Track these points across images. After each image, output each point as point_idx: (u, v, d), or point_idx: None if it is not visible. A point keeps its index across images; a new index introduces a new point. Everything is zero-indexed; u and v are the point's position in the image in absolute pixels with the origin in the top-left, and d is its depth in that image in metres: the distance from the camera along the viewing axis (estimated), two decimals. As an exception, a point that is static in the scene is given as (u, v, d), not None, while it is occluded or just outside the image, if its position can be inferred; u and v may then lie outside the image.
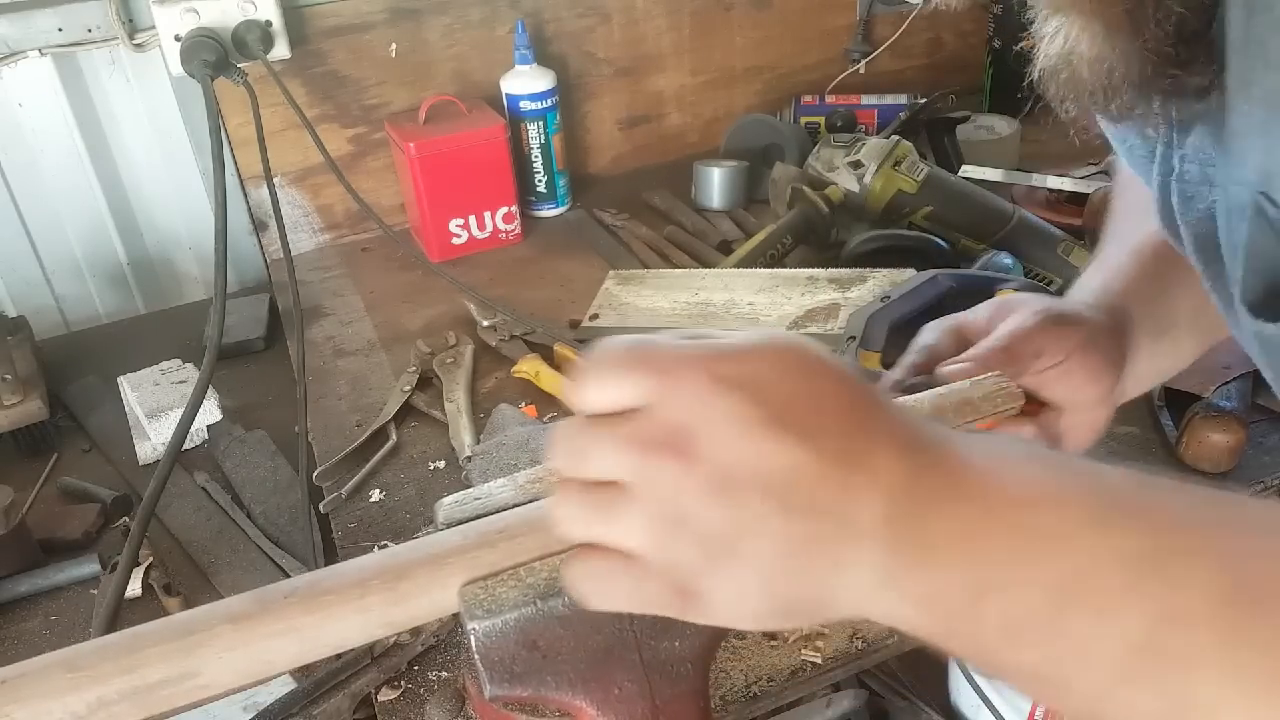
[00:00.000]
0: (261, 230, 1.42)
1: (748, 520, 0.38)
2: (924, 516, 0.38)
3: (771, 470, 0.38)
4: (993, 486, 0.39)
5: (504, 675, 0.46)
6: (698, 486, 0.38)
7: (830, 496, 0.38)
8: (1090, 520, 0.38)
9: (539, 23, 1.47)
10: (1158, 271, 0.69)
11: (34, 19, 1.24)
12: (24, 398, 1.07)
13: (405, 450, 1.02)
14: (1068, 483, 0.39)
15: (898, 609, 0.39)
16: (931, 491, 0.39)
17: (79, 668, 0.44)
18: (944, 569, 0.38)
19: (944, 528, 0.38)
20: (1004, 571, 0.37)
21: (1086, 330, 0.63)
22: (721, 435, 0.38)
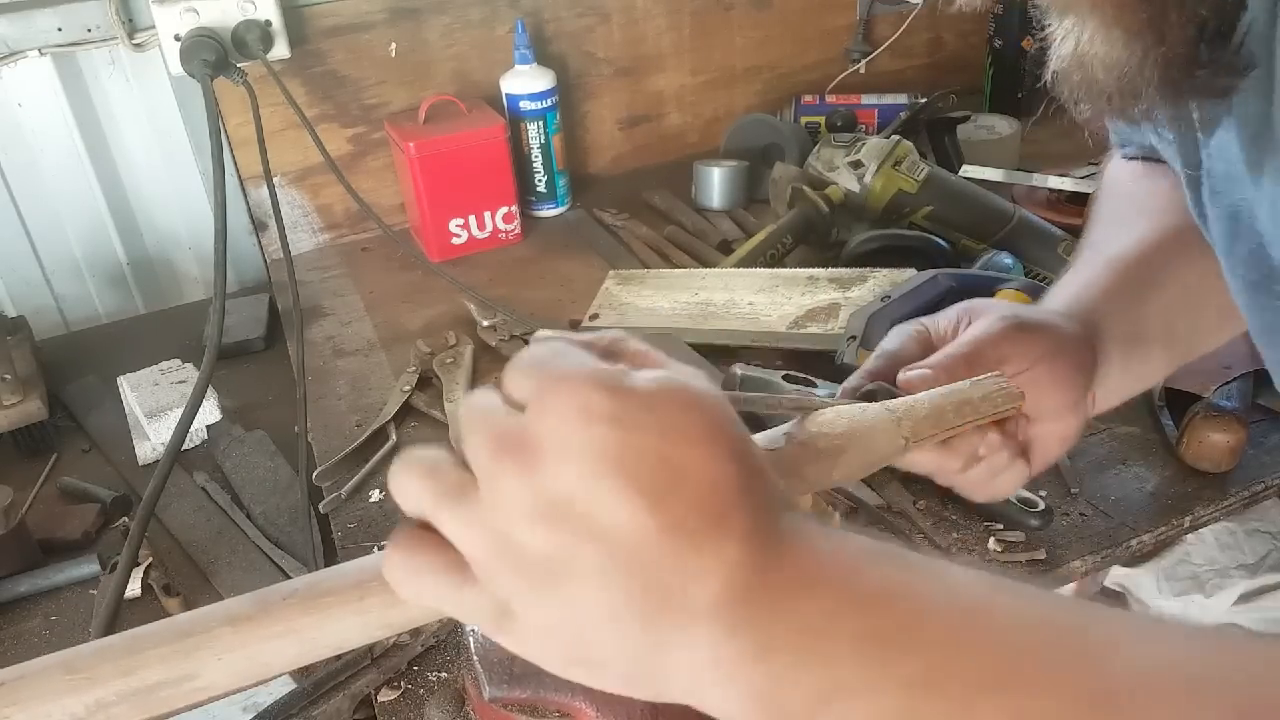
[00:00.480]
0: (261, 230, 1.42)
1: (569, 561, 0.36)
2: (767, 609, 0.36)
3: (606, 521, 0.36)
4: (839, 584, 0.37)
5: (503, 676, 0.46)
6: (528, 505, 0.36)
7: (664, 570, 0.36)
8: (941, 621, 0.36)
9: (539, 22, 1.46)
10: (1132, 282, 0.68)
11: (33, 19, 1.23)
12: (23, 398, 1.07)
13: (406, 449, 1.02)
14: (920, 583, 0.38)
15: (731, 704, 0.37)
16: (774, 584, 0.37)
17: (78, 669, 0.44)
18: (787, 667, 0.36)
19: (789, 624, 0.36)
20: (850, 673, 0.35)
21: (1053, 338, 0.63)
22: (567, 463, 0.36)
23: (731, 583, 0.36)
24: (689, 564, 0.36)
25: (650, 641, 0.37)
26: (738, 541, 0.37)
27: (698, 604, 0.36)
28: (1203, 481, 0.88)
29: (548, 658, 0.39)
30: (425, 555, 0.40)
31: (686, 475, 0.37)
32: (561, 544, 0.36)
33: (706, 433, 0.38)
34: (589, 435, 0.36)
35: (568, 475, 0.36)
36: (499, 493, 0.37)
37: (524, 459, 0.37)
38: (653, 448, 0.36)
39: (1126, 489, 0.88)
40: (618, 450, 0.36)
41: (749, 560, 0.37)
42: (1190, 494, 0.87)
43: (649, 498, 0.36)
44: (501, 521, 0.37)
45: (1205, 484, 0.88)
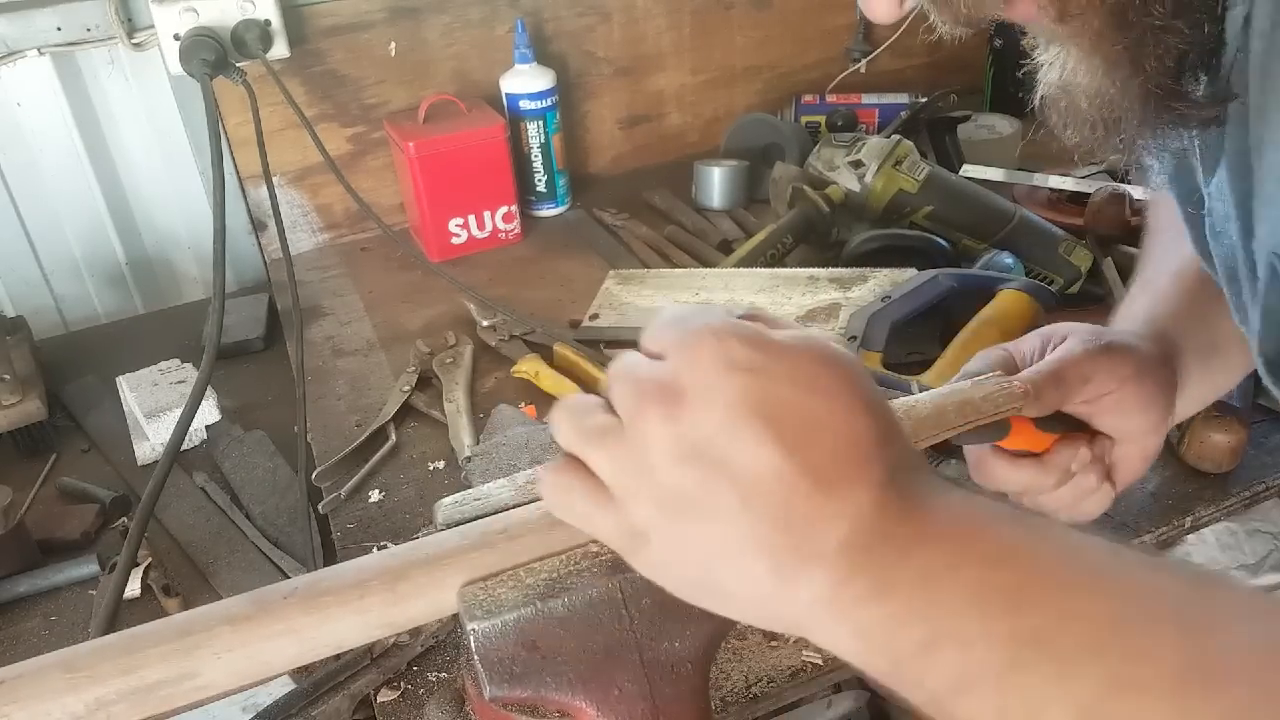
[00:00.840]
0: (260, 230, 1.42)
1: (709, 499, 0.39)
2: (889, 554, 0.38)
3: (746, 463, 0.38)
4: (963, 539, 0.39)
5: (503, 676, 0.46)
6: (669, 444, 0.39)
7: (797, 514, 0.38)
8: (1056, 582, 0.38)
9: (539, 22, 1.46)
10: (1200, 294, 0.68)
11: (33, 18, 1.23)
12: (23, 398, 1.07)
13: (404, 451, 1.02)
14: (1040, 545, 0.40)
15: (839, 638, 0.39)
16: (900, 533, 0.39)
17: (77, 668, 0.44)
18: (899, 611, 0.38)
19: (906, 570, 0.38)
20: (961, 623, 0.37)
21: (1137, 359, 0.63)
22: (710, 408, 0.39)
23: (859, 528, 0.38)
24: (822, 508, 0.38)
25: (777, 577, 0.39)
26: (871, 490, 0.39)
27: (825, 545, 0.38)
28: (1204, 482, 0.88)
29: (674, 582, 0.42)
30: (574, 476, 0.43)
31: (825, 426, 0.39)
32: (700, 481, 0.39)
33: (845, 387, 0.40)
34: (731, 383, 0.39)
35: (709, 419, 0.39)
36: (643, 433, 0.40)
37: (667, 403, 0.40)
38: (793, 398, 0.39)
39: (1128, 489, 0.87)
40: (759, 398, 0.39)
41: (879, 508, 0.39)
42: (1191, 494, 0.87)
43: (788, 444, 0.38)
44: (644, 458, 0.40)
45: (1206, 484, 0.87)
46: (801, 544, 0.38)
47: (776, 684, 0.75)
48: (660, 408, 0.40)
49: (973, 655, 0.37)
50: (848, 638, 0.39)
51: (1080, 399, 0.63)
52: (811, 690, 0.81)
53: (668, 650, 0.49)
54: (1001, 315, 1.01)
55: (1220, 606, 0.37)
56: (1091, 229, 1.20)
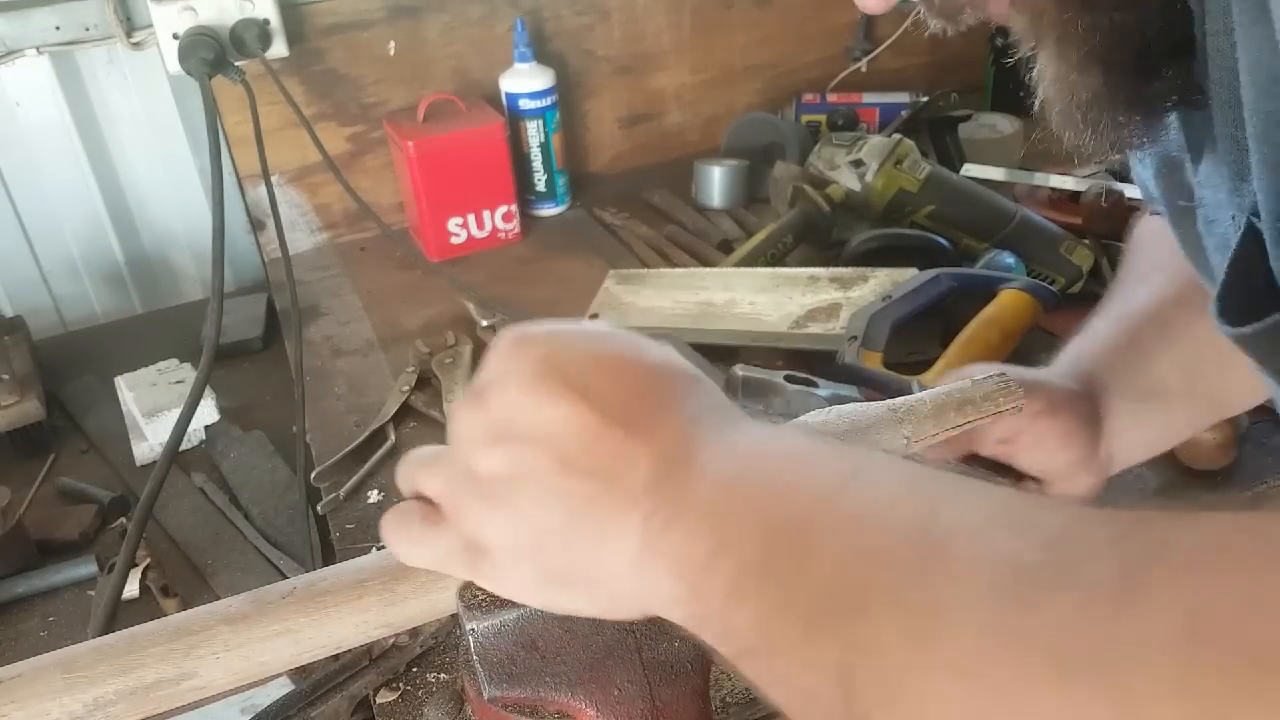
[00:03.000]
0: (259, 229, 1.41)
1: (523, 470, 0.39)
2: (684, 480, 0.38)
3: (548, 423, 0.39)
4: (755, 452, 0.39)
5: (503, 676, 0.46)
6: (481, 434, 0.40)
7: (605, 458, 0.38)
8: (827, 476, 0.37)
9: (538, 21, 1.46)
10: (1142, 338, 0.68)
11: (31, 17, 1.23)
12: (21, 398, 1.07)
13: (404, 451, 1.01)
14: (827, 450, 0.39)
15: (656, 582, 0.38)
16: (699, 458, 0.38)
17: (76, 668, 0.44)
18: (688, 526, 0.37)
19: (698, 490, 0.38)
20: (735, 527, 0.37)
21: (1046, 394, 0.63)
22: (507, 387, 0.40)
23: (661, 461, 0.38)
24: (626, 447, 0.38)
25: (596, 532, 0.39)
26: (672, 426, 0.39)
27: (633, 486, 0.38)
28: (1204, 481, 0.87)
29: (524, 586, 0.42)
30: (404, 510, 0.44)
31: (620, 373, 0.40)
32: (509, 454, 0.39)
33: (639, 343, 0.42)
34: (524, 358, 0.40)
35: (508, 398, 0.40)
36: (458, 434, 0.42)
37: (476, 399, 0.41)
38: (585, 356, 0.40)
39: (1127, 489, 0.87)
40: (551, 364, 0.40)
41: (681, 442, 0.39)
42: (1191, 494, 0.87)
43: (582, 393, 0.39)
44: (460, 458, 0.41)
45: (1206, 483, 0.87)
46: (613, 486, 0.38)
47: (777, 684, 0.75)
48: (470, 408, 0.41)
49: (741, 556, 0.36)
50: (666, 581, 0.38)
51: (993, 440, 0.63)
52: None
53: (668, 650, 0.49)
54: (1002, 315, 1.01)
55: (957, 490, 0.35)
56: (1091, 229, 1.20)
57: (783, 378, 0.92)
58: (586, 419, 0.39)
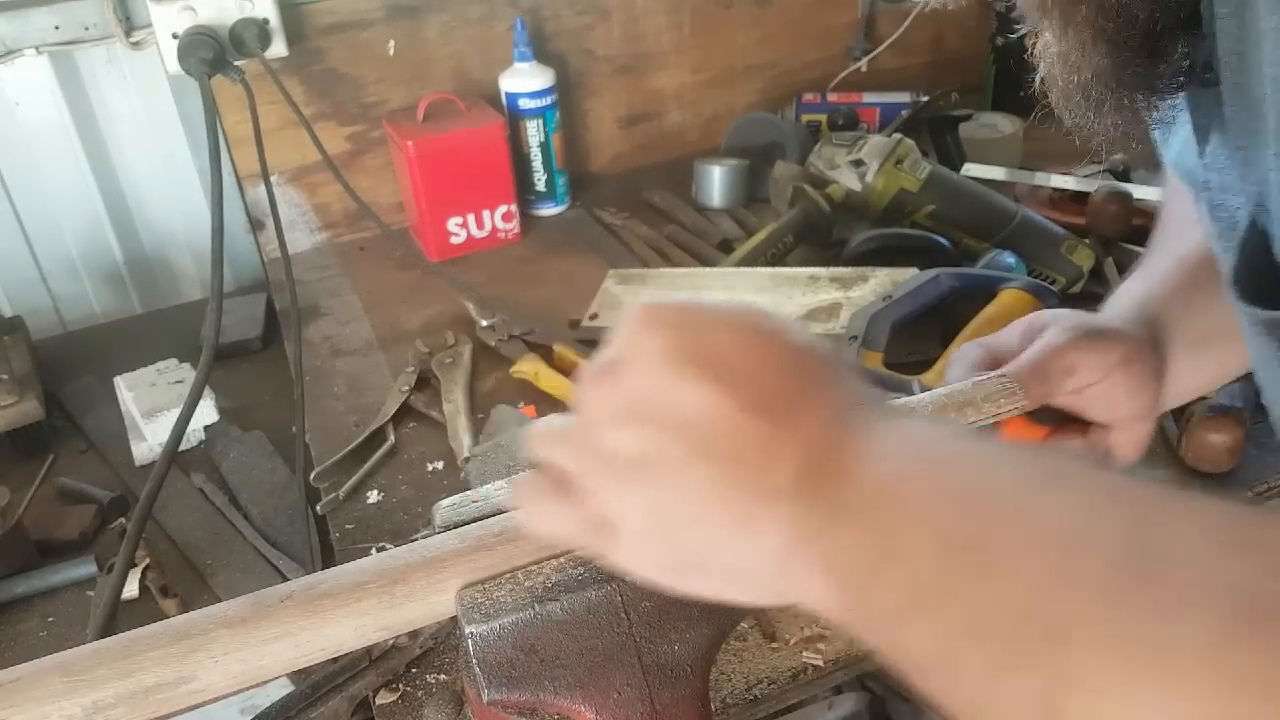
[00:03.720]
0: (258, 229, 1.41)
1: (658, 454, 0.38)
2: (839, 477, 0.37)
3: (687, 408, 0.38)
4: (920, 452, 0.37)
5: (502, 679, 0.46)
6: (614, 412, 0.39)
7: (748, 449, 0.37)
8: (1010, 484, 0.35)
9: (538, 20, 1.46)
10: (1200, 281, 0.67)
11: (31, 17, 1.23)
12: (20, 398, 1.07)
13: (403, 451, 1.02)
14: (1004, 454, 0.37)
15: (805, 579, 0.37)
16: (854, 454, 0.37)
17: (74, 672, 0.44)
18: (850, 531, 0.36)
19: (857, 489, 0.36)
20: (908, 536, 0.35)
21: (1124, 347, 0.62)
22: (642, 367, 0.39)
23: (811, 451, 0.37)
24: (772, 440, 0.37)
25: (743, 525, 0.37)
26: (816, 420, 0.38)
27: (782, 478, 0.37)
28: (1206, 482, 0.87)
29: (654, 567, 0.41)
30: (534, 482, 0.43)
31: (762, 360, 0.39)
32: (645, 437, 0.38)
33: (781, 330, 0.40)
34: (661, 338, 0.39)
35: (644, 377, 0.39)
36: (588, 415, 0.41)
37: (607, 376, 0.40)
38: (727, 340, 0.39)
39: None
40: (691, 346, 0.38)
41: (830, 434, 0.37)
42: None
43: (726, 382, 0.37)
44: (593, 435, 0.40)
45: (1209, 485, 0.87)
46: (758, 481, 0.37)
47: (777, 686, 0.75)
48: (600, 385, 0.40)
49: (914, 567, 0.34)
50: (820, 581, 0.36)
51: (1066, 390, 0.62)
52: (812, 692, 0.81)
53: (667, 653, 0.49)
54: (1003, 315, 1.01)
55: (1161, 502, 0.34)
56: (1093, 229, 1.20)
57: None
58: (728, 406, 0.37)
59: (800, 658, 0.76)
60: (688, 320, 0.40)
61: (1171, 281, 0.68)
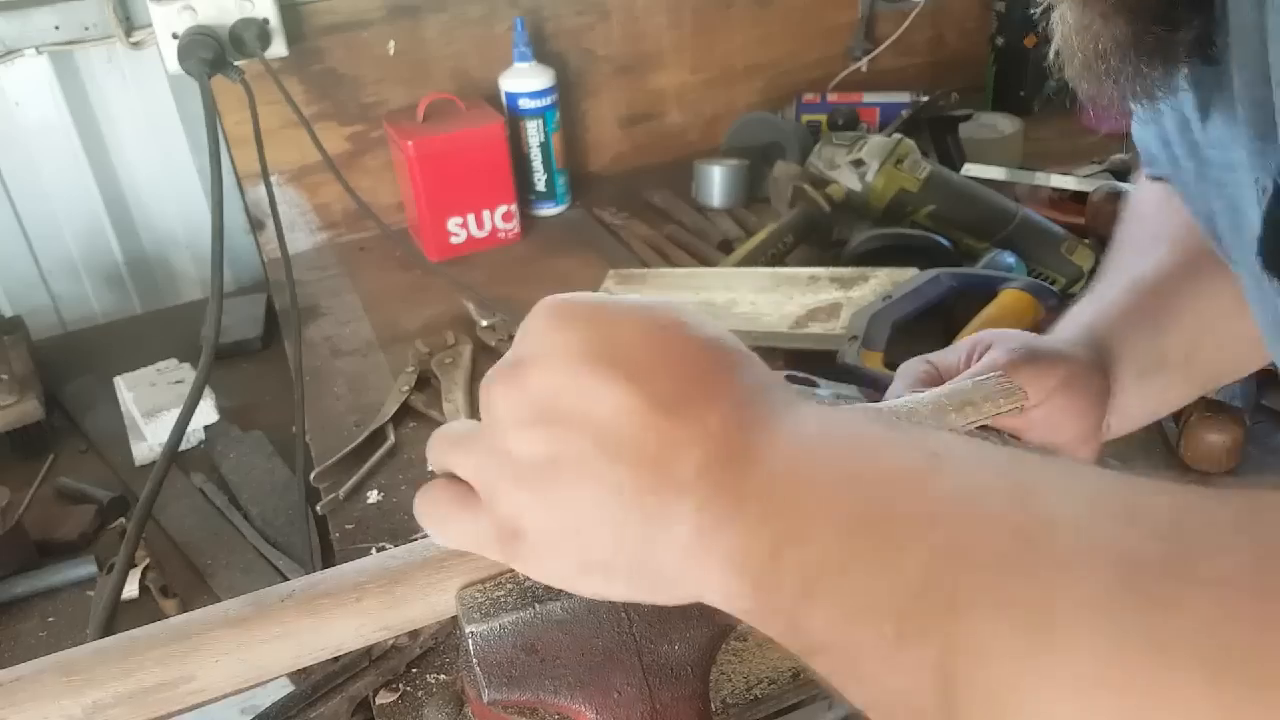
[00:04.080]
0: (258, 229, 1.41)
1: (565, 456, 0.37)
2: (740, 468, 0.36)
3: (594, 407, 0.37)
4: (818, 437, 0.37)
5: (502, 679, 0.46)
6: (520, 415, 0.38)
7: (652, 445, 0.37)
8: (896, 469, 0.35)
9: (538, 20, 1.46)
10: (1151, 308, 0.67)
11: (31, 17, 1.23)
12: (20, 398, 1.07)
13: (404, 451, 1.02)
14: (899, 435, 0.37)
15: (708, 572, 0.36)
16: (755, 444, 0.36)
17: (74, 671, 0.44)
18: (749, 522, 0.35)
19: (756, 478, 0.36)
20: (804, 520, 0.34)
21: (1066, 368, 0.62)
22: (549, 366, 0.38)
23: (714, 447, 0.36)
24: (674, 433, 0.37)
25: (645, 523, 0.37)
26: (722, 408, 0.37)
27: (685, 472, 0.36)
28: (1205, 482, 0.87)
29: (561, 571, 0.40)
30: (439, 487, 0.42)
31: (668, 353, 0.38)
32: (552, 438, 0.38)
33: (683, 320, 0.39)
34: (566, 337, 0.38)
35: (549, 375, 0.38)
36: (493, 416, 0.40)
37: (511, 376, 0.39)
38: (631, 336, 0.38)
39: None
40: (598, 343, 0.38)
41: (733, 425, 0.37)
42: (1193, 494, 0.86)
43: (630, 375, 0.37)
44: (498, 438, 0.39)
45: (1208, 484, 0.87)
46: (662, 476, 0.36)
47: (778, 686, 0.75)
48: (504, 385, 0.39)
49: (812, 552, 0.34)
50: (721, 571, 0.36)
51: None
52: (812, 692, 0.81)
53: (667, 653, 0.49)
54: (1003, 315, 1.01)
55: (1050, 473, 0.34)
56: (1093, 228, 1.20)
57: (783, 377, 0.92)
58: (633, 402, 0.37)
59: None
60: (593, 316, 0.39)
61: (1122, 306, 0.68)
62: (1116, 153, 1.35)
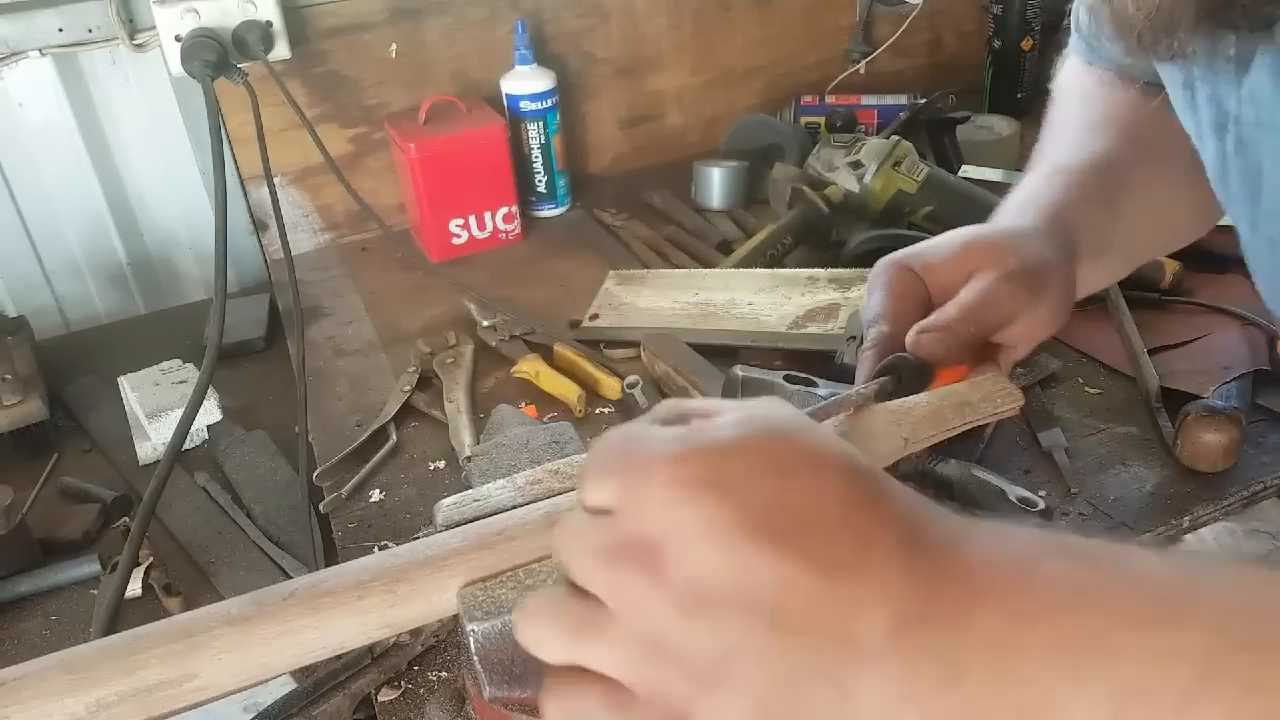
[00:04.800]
0: (261, 230, 1.42)
1: (733, 644, 0.34)
2: (943, 630, 0.34)
3: (753, 585, 0.34)
4: (1018, 590, 0.35)
5: (503, 676, 0.46)
6: (671, 606, 0.35)
7: (827, 613, 0.34)
8: (1139, 620, 0.33)
9: (539, 23, 1.46)
10: (1111, 192, 0.68)
11: (35, 19, 1.24)
12: (24, 398, 1.07)
13: (405, 450, 1.02)
14: (1103, 578, 0.35)
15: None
16: (947, 601, 0.34)
17: (78, 669, 0.44)
18: (983, 688, 0.33)
19: (970, 642, 0.34)
20: (1050, 691, 0.32)
21: (1054, 286, 0.62)
22: (691, 547, 0.34)
23: (900, 608, 0.34)
24: (848, 599, 0.34)
25: (836, 696, 0.34)
26: (890, 562, 0.34)
27: (871, 641, 0.34)
28: (1201, 481, 0.88)
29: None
30: (581, 690, 0.37)
31: (809, 504, 0.35)
32: (719, 628, 0.34)
33: (809, 459, 0.36)
34: (700, 509, 0.34)
35: (694, 558, 0.34)
36: (633, 603, 0.35)
37: (645, 560, 0.35)
38: (766, 491, 0.35)
39: (1126, 489, 0.88)
40: (733, 512, 0.34)
41: (910, 577, 0.34)
42: (1189, 494, 0.87)
43: (782, 542, 0.34)
44: (648, 632, 0.35)
45: (1203, 484, 0.87)
46: (848, 648, 0.34)
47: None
48: (640, 571, 0.35)
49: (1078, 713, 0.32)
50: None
51: (999, 336, 0.62)
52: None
53: (666, 650, 0.49)
54: (1000, 316, 1.01)
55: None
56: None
57: (782, 378, 0.93)
58: (795, 571, 0.34)
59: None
60: (717, 474, 0.35)
61: (1085, 189, 0.68)
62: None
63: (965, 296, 0.61)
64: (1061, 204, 0.67)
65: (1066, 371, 1.02)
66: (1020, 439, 0.94)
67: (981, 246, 0.64)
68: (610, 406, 1.04)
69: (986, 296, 0.61)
